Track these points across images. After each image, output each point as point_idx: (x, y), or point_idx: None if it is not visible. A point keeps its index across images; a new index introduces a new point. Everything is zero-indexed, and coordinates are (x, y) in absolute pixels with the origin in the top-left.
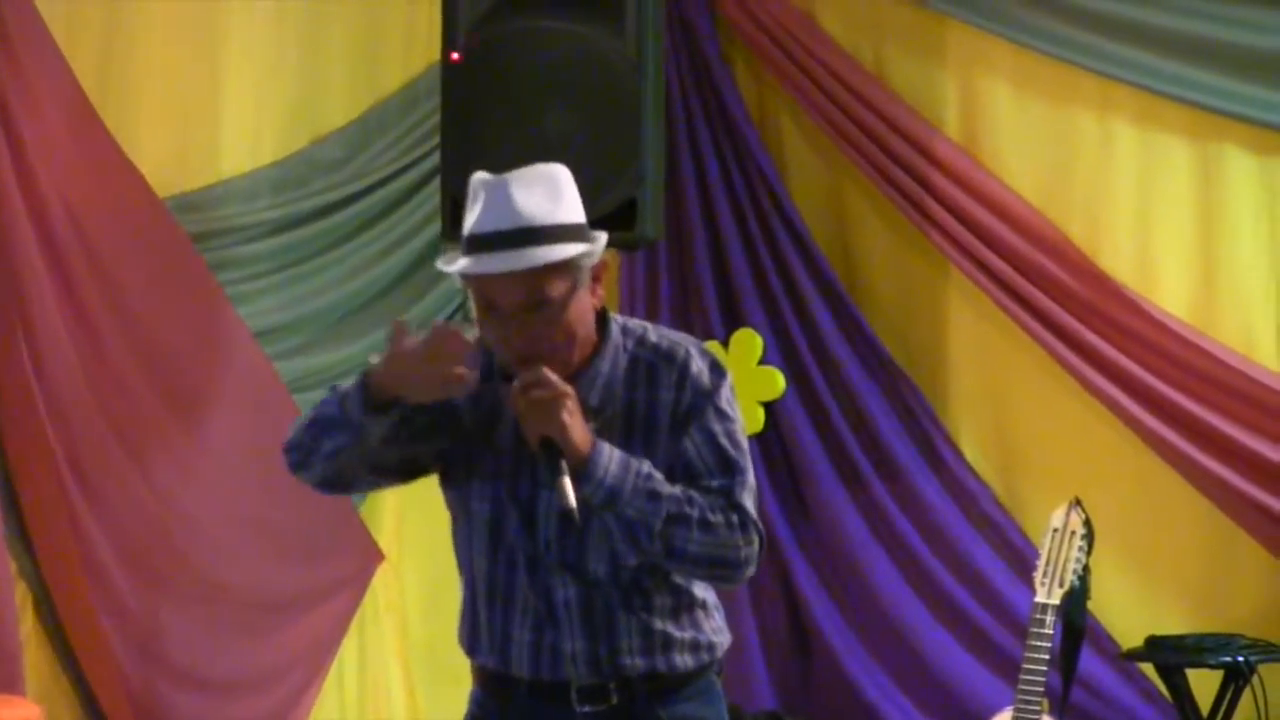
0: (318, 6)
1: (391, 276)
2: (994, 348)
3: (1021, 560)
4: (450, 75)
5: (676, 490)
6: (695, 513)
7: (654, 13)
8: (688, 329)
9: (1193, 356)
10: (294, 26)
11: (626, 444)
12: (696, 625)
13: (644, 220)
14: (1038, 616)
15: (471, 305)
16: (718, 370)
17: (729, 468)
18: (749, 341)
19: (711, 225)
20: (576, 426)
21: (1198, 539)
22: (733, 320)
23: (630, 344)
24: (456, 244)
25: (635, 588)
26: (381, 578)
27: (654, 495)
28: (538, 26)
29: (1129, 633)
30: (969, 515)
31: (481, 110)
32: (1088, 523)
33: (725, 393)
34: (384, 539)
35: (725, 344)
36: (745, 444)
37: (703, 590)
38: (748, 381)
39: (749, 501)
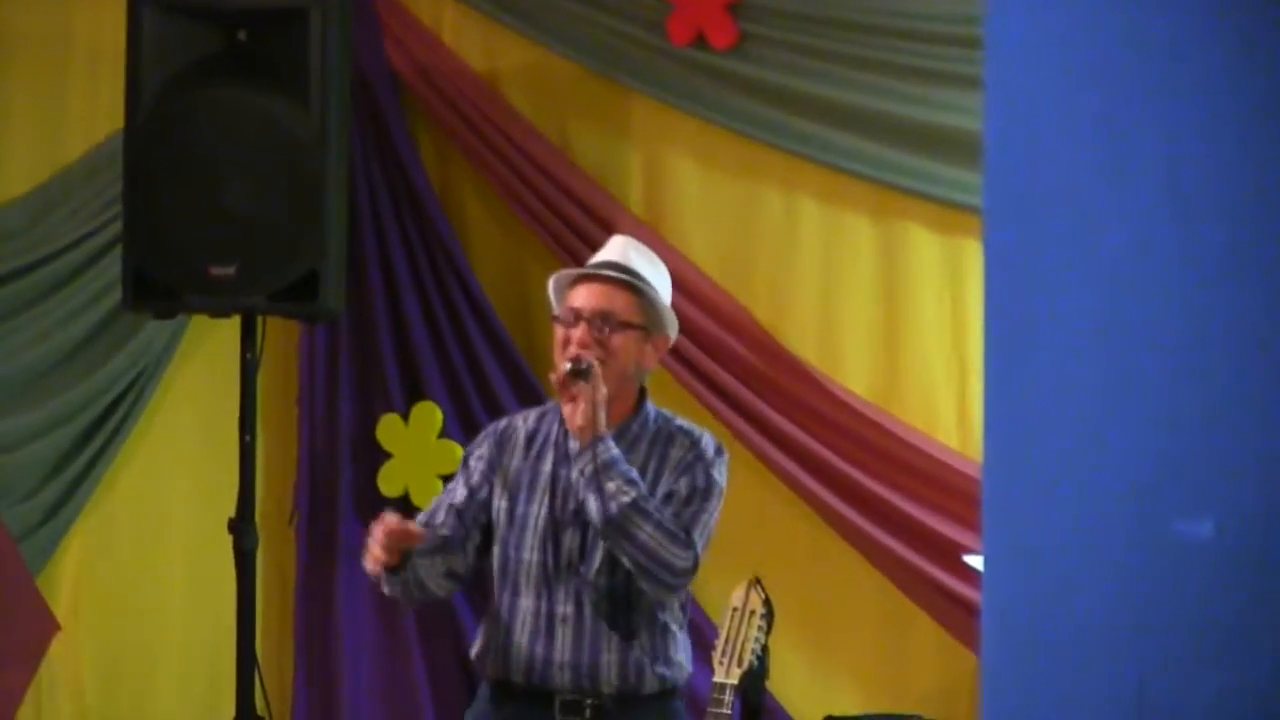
0: None
1: (73, 343)
2: None
3: (701, 638)
4: (133, 144)
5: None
6: (656, 514)
7: (338, 85)
8: (368, 402)
9: (874, 434)
10: None
11: None
12: (666, 652)
13: (326, 293)
14: (716, 696)
15: None
16: (720, 450)
17: (695, 505)
18: (429, 414)
19: (393, 299)
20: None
21: (876, 617)
22: (413, 393)
23: (660, 420)
24: (137, 312)
25: (623, 604)
26: (58, 649)
27: (634, 483)
28: (221, 97)
29: (808, 711)
30: None
31: (164, 180)
32: (768, 602)
33: (720, 466)
34: (61, 608)
35: (405, 417)
36: (715, 505)
37: (674, 621)
38: (427, 454)
39: (699, 536)
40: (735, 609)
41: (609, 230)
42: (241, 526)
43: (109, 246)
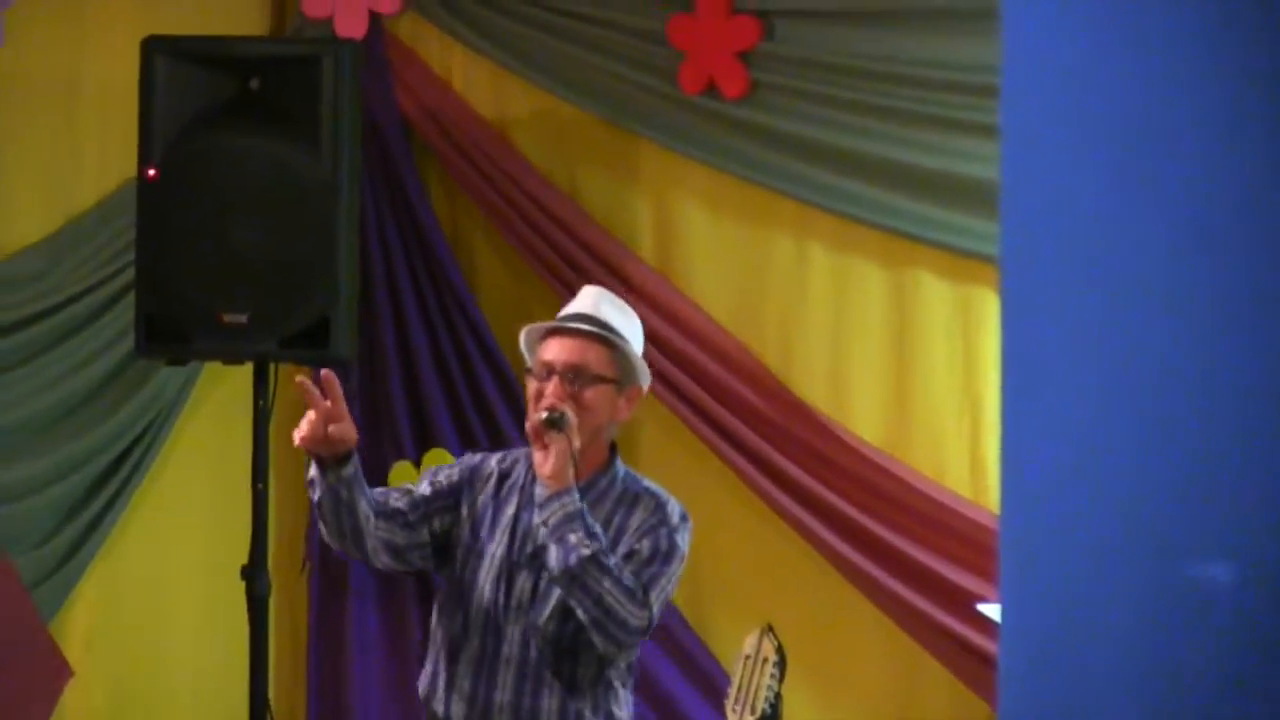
0: (10, 120)
1: (86, 391)
2: (685, 470)
3: (713, 686)
4: (146, 191)
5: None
6: (615, 570)
7: (349, 132)
8: (379, 449)
9: (884, 481)
10: None
11: None
12: (608, 706)
13: (337, 340)
14: None
15: None
16: (684, 517)
17: (655, 567)
18: (441, 462)
19: (404, 345)
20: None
21: (888, 665)
22: (425, 440)
23: (628, 480)
24: (150, 358)
25: (569, 653)
26: (70, 694)
27: (596, 537)
28: (233, 144)
29: None
30: (659, 639)
31: (176, 227)
32: (780, 649)
33: (683, 533)
34: (73, 654)
35: (418, 464)
36: (675, 570)
37: (618, 678)
38: None
39: (655, 597)
40: (748, 656)
41: (620, 277)
42: (254, 573)
43: (121, 293)
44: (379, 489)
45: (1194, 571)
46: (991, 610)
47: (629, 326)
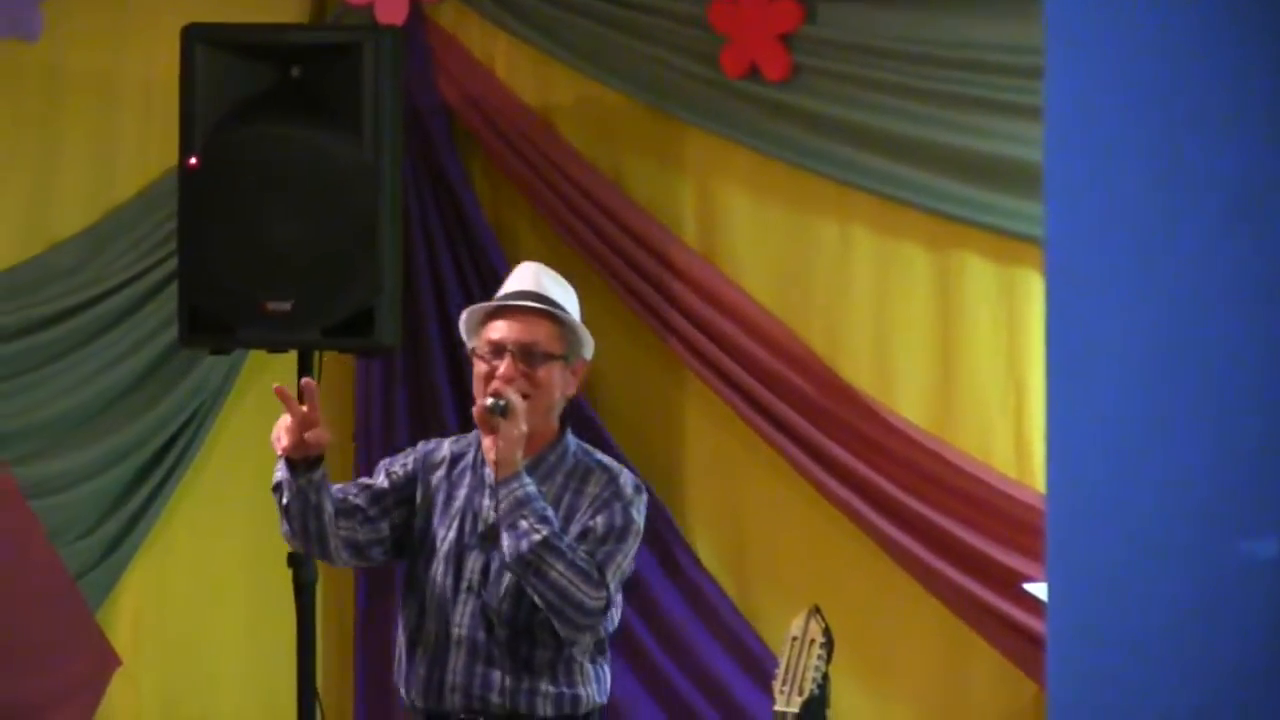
0: (51, 112)
1: (128, 381)
2: (732, 455)
3: (760, 668)
4: (187, 180)
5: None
6: (569, 553)
7: (391, 119)
8: (424, 435)
9: (931, 463)
10: (27, 132)
11: None
12: (569, 680)
13: (381, 328)
14: None
15: None
16: (639, 489)
17: (610, 544)
18: None
19: (448, 332)
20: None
21: (936, 646)
22: (469, 427)
23: (580, 454)
24: (193, 348)
25: (525, 634)
26: (118, 684)
27: (547, 520)
28: (274, 133)
29: None
30: (707, 622)
31: (218, 216)
32: (827, 631)
33: (638, 505)
34: (121, 644)
35: None
36: (632, 546)
37: (583, 654)
38: None
39: (612, 575)
40: (795, 638)
41: (664, 263)
42: (301, 560)
43: (164, 283)
44: (336, 485)
45: (1239, 549)
46: (1038, 590)
47: (568, 299)
